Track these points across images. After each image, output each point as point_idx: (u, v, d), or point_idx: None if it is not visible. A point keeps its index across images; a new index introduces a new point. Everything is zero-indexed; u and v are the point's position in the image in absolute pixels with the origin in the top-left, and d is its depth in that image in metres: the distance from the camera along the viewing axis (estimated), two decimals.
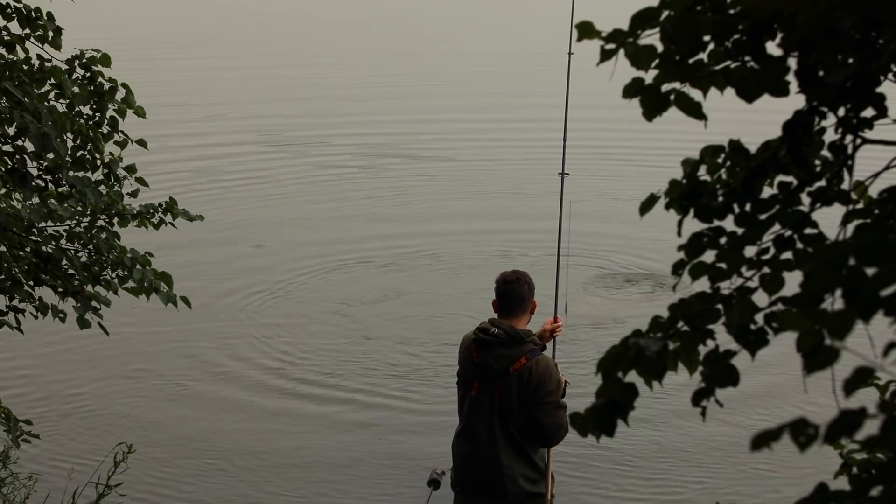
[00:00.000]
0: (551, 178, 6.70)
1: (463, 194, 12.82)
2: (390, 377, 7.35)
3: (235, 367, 7.57)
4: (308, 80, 23.33)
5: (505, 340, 4.95)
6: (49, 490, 5.32)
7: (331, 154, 15.28)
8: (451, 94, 21.12)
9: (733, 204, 1.92)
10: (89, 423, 6.64)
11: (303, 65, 26.22)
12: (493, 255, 10.08)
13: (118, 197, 4.18)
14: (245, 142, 16.15)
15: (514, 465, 5.02)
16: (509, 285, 5.06)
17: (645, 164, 14.05)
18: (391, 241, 10.63)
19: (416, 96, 20.86)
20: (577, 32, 1.83)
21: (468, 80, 23.29)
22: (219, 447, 6.34)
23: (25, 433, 4.48)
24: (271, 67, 25.45)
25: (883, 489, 1.55)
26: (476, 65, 26.15)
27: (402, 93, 21.29)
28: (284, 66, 25.73)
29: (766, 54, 1.78)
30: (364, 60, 27.29)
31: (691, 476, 5.99)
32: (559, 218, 5.72)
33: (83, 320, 4.10)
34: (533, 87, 21.59)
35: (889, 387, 2.64)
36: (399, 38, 33.51)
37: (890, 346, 1.30)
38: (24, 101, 3.80)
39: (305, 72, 24.69)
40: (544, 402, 4.92)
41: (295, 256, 10.18)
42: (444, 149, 15.52)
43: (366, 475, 6.00)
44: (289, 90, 21.63)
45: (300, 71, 24.93)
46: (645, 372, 1.77)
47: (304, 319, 8.50)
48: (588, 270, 9.59)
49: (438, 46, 31.54)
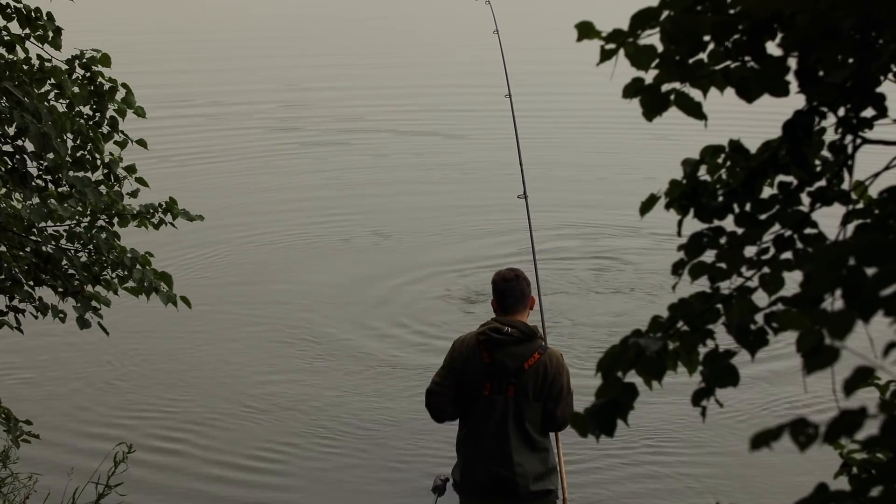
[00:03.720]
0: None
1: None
2: (388, 380, 7.34)
3: (236, 367, 7.57)
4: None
5: (519, 338, 4.94)
6: (49, 490, 5.32)
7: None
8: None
9: (733, 204, 1.92)
10: (89, 423, 6.64)
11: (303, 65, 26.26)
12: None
13: (118, 197, 4.18)
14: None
15: (525, 463, 5.02)
16: (509, 283, 5.04)
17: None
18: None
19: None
20: (577, 32, 1.82)
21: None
22: (219, 447, 6.34)
23: (25, 433, 4.48)
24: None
25: (883, 489, 1.55)
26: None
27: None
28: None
29: (766, 54, 1.78)
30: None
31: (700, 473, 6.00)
32: (531, 241, 6.17)
33: (83, 320, 4.10)
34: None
35: (889, 387, 2.64)
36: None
37: (890, 346, 1.30)
38: (24, 101, 3.80)
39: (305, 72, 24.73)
40: (559, 394, 4.95)
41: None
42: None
43: (367, 484, 5.99)
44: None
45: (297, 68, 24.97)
46: (644, 372, 1.77)
47: (311, 314, 8.49)
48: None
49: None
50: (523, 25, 26.29)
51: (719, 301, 1.85)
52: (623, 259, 9.95)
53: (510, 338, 4.93)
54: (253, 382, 7.30)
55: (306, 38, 29.31)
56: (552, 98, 18.31)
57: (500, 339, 4.94)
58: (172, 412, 6.83)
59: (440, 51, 25.68)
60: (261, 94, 19.68)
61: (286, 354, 7.80)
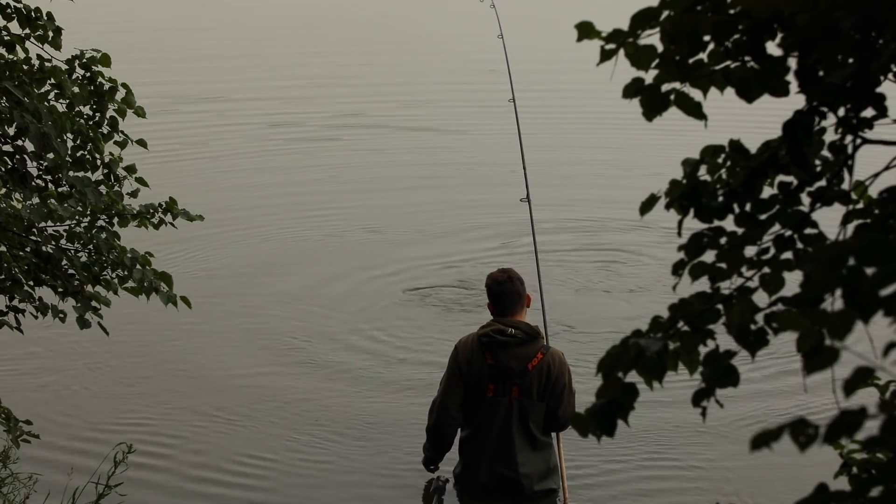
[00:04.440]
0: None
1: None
2: (386, 384, 7.34)
3: (236, 366, 7.56)
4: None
5: (522, 339, 4.94)
6: (49, 490, 5.32)
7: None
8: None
9: (733, 204, 1.92)
10: (89, 423, 6.63)
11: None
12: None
13: (118, 197, 4.19)
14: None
15: (529, 463, 5.04)
16: (503, 285, 5.02)
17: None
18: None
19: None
20: (577, 32, 1.83)
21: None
22: (220, 447, 6.34)
23: (25, 433, 4.48)
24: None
25: (883, 489, 1.55)
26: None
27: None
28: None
29: (766, 54, 1.78)
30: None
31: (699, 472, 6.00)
32: (534, 243, 6.19)
33: (83, 320, 4.10)
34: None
35: (889, 387, 2.65)
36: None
37: (890, 346, 1.30)
38: (24, 101, 3.80)
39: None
40: (561, 394, 4.96)
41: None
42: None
43: (368, 484, 5.98)
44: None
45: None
46: (645, 372, 1.78)
47: (319, 320, 8.48)
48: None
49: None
50: (528, 26, 26.26)
51: (719, 301, 1.85)
52: (635, 253, 9.94)
53: (513, 339, 4.93)
54: (253, 381, 7.30)
55: (306, 38, 29.33)
56: (557, 98, 18.29)
57: (504, 340, 4.93)
58: (173, 412, 6.83)
59: (447, 51, 25.63)
60: (271, 91, 19.63)
61: (285, 352, 7.79)
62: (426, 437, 5.32)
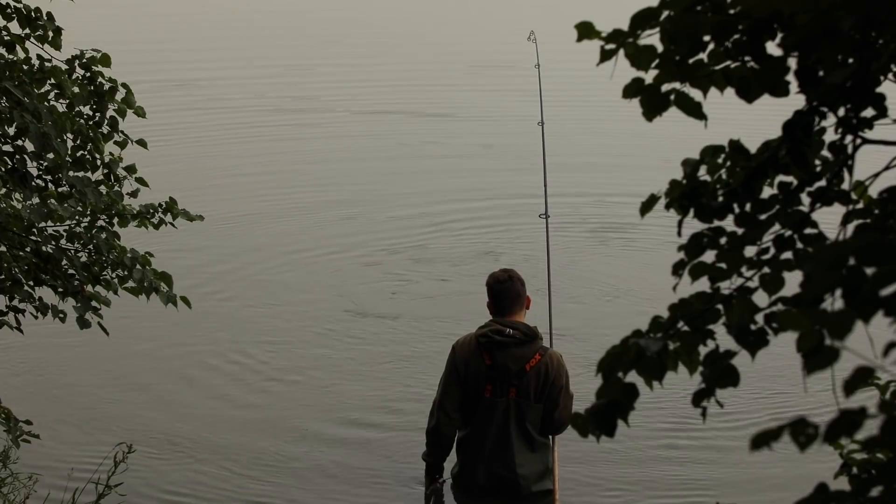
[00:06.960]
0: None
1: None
2: (386, 384, 7.33)
3: (237, 366, 7.56)
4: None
5: (520, 340, 4.93)
6: (49, 490, 5.32)
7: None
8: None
9: (733, 204, 1.92)
10: (89, 423, 6.63)
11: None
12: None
13: (118, 197, 4.19)
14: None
15: (527, 464, 5.03)
16: (503, 284, 5.02)
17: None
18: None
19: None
20: (576, 33, 1.83)
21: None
22: (220, 448, 6.34)
23: (25, 433, 4.47)
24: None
25: (883, 489, 1.55)
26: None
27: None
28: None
29: (766, 54, 1.78)
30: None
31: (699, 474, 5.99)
32: (547, 259, 6.20)
33: (83, 320, 4.10)
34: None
35: (889, 387, 2.65)
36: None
37: (890, 346, 1.30)
38: (24, 101, 3.80)
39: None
40: (558, 395, 4.95)
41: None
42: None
43: (367, 484, 5.97)
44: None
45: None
46: (645, 372, 1.78)
47: (309, 321, 8.48)
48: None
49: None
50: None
51: (719, 301, 1.85)
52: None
53: (512, 339, 4.92)
54: (253, 380, 7.30)
55: (310, 40, 29.28)
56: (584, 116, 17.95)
57: (502, 340, 4.92)
58: (173, 412, 6.82)
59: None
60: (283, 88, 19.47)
61: (285, 350, 7.79)
62: (426, 441, 5.32)
